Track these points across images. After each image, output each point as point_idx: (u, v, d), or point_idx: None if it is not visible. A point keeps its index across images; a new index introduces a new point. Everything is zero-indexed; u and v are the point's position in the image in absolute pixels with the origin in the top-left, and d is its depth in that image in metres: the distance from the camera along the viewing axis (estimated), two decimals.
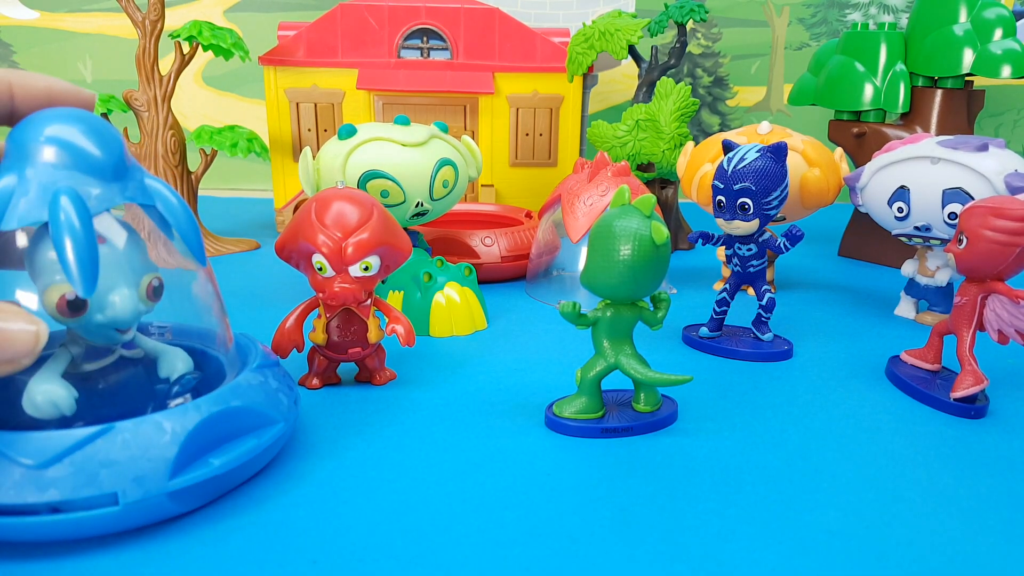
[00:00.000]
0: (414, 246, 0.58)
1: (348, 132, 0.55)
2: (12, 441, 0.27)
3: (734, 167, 0.47)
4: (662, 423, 0.39)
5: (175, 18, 1.16)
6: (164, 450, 0.28)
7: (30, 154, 0.28)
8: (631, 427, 0.38)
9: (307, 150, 0.55)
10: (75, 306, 0.29)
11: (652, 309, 0.39)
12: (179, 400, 0.32)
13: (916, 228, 0.53)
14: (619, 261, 0.35)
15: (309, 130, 0.86)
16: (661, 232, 0.35)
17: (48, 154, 0.28)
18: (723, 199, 0.48)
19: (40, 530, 0.27)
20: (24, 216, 0.27)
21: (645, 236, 0.35)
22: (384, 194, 0.54)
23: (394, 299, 0.54)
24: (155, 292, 0.31)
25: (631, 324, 0.38)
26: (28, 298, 0.29)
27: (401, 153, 0.55)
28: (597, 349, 0.39)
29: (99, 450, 0.27)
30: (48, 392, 0.29)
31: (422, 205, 0.56)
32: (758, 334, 0.51)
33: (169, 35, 0.73)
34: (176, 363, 0.33)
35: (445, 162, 0.56)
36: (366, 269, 0.39)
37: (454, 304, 0.52)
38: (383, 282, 0.55)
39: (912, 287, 0.58)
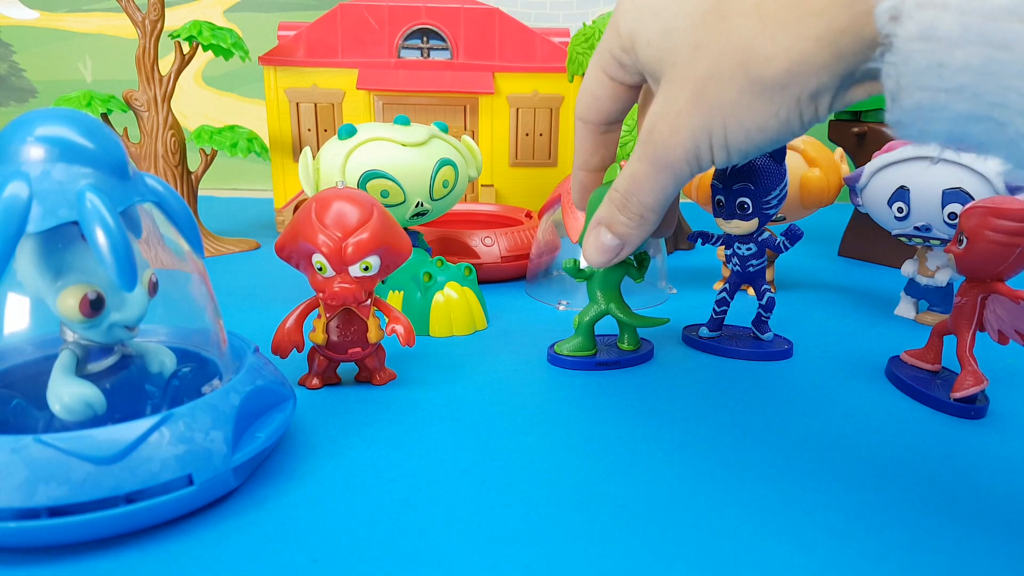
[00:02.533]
0: (414, 246, 0.58)
1: (348, 132, 0.55)
2: (75, 440, 0.27)
3: (733, 167, 0.47)
4: (643, 359, 0.48)
5: (175, 18, 1.16)
6: (223, 429, 0.30)
7: (29, 155, 0.28)
8: (619, 361, 0.47)
9: (307, 150, 0.55)
10: (96, 305, 0.29)
11: (636, 266, 0.46)
12: (209, 387, 0.34)
13: (916, 228, 0.53)
14: None
15: (309, 130, 0.86)
16: None
17: (54, 154, 0.28)
18: (722, 199, 0.48)
19: (116, 522, 0.27)
20: (47, 217, 0.27)
21: None
22: (384, 194, 0.54)
23: (394, 299, 0.54)
24: (154, 287, 0.31)
25: (619, 278, 0.46)
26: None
27: (401, 153, 0.55)
28: (591, 298, 0.47)
29: (166, 437, 0.28)
30: (78, 394, 0.29)
31: (422, 205, 0.56)
32: (758, 334, 0.51)
33: (169, 35, 0.73)
34: (164, 359, 0.34)
35: (445, 162, 0.56)
36: (366, 269, 0.39)
37: (454, 304, 0.52)
38: (383, 282, 0.55)
39: (912, 287, 0.58)
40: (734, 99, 0.27)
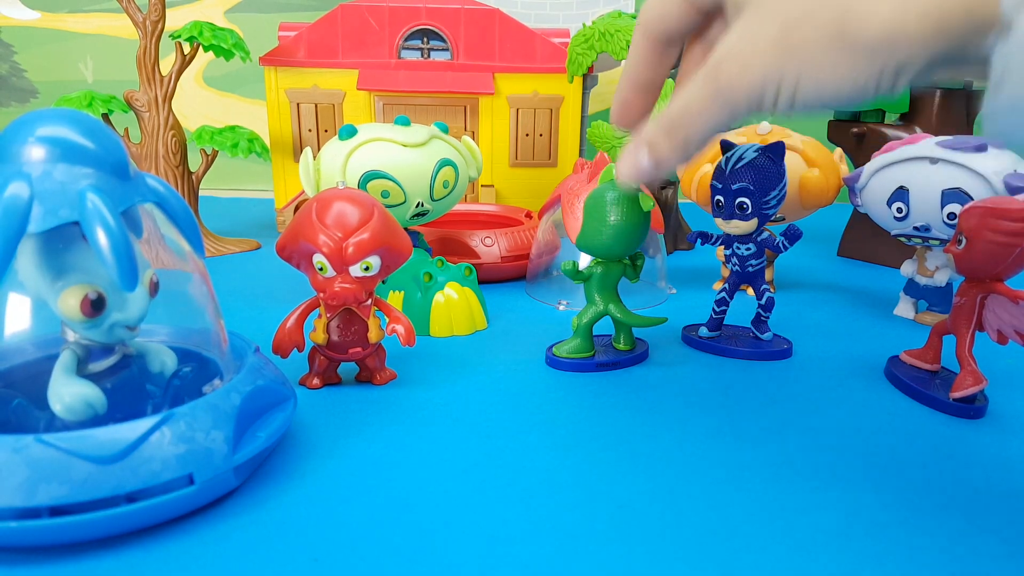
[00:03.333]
0: (414, 246, 0.58)
1: (349, 132, 0.55)
2: (76, 439, 0.27)
3: (732, 167, 0.47)
4: (640, 358, 0.48)
5: (176, 19, 1.16)
6: (223, 429, 0.30)
7: (30, 155, 0.28)
8: (618, 361, 0.47)
9: (308, 151, 0.55)
10: (97, 305, 0.29)
11: (632, 266, 0.47)
12: (210, 386, 0.34)
13: (915, 228, 0.53)
14: (610, 225, 0.43)
15: (310, 130, 0.86)
16: (648, 201, 0.42)
17: (55, 154, 0.28)
18: (721, 199, 0.48)
19: (117, 522, 0.27)
20: (48, 217, 0.27)
21: (631, 205, 0.42)
22: (385, 194, 0.54)
23: (394, 299, 0.54)
24: (155, 287, 0.31)
25: (617, 278, 0.47)
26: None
27: (402, 153, 0.55)
28: (589, 300, 0.47)
29: (167, 436, 0.28)
30: (79, 393, 0.29)
31: (422, 205, 0.56)
32: (758, 333, 0.51)
33: (170, 36, 0.73)
34: (165, 359, 0.34)
35: (445, 162, 0.56)
36: (367, 269, 0.39)
37: (454, 304, 0.53)
38: (383, 282, 0.55)
39: (911, 287, 0.58)
40: (819, 51, 0.27)
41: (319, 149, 0.87)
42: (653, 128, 0.36)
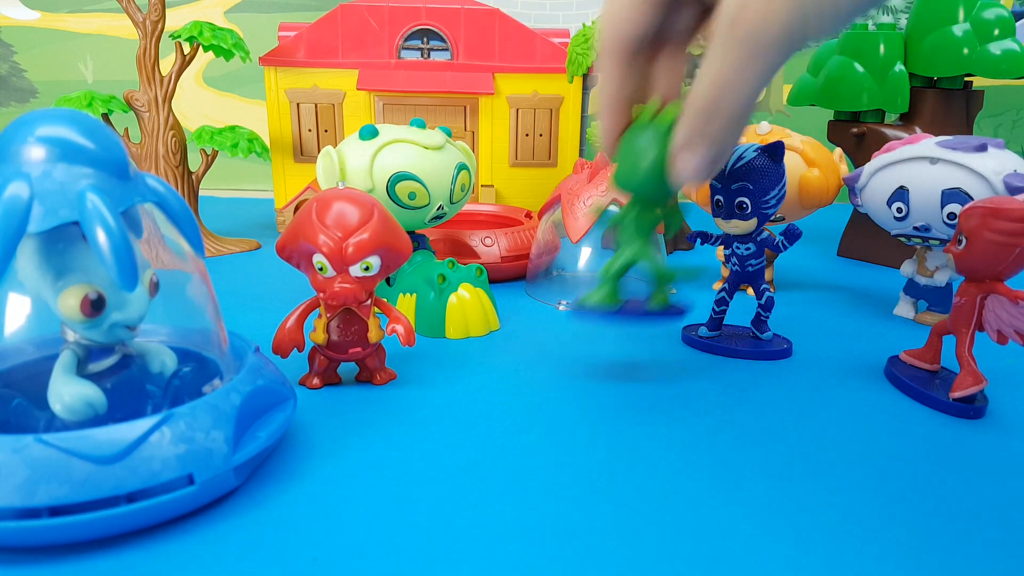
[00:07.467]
0: (421, 248, 0.58)
1: (371, 132, 0.54)
2: (76, 439, 0.27)
3: (732, 166, 0.47)
4: (670, 315, 0.44)
5: (176, 19, 1.16)
6: (223, 429, 0.30)
7: (30, 155, 0.28)
8: (649, 314, 0.43)
9: (330, 149, 0.54)
10: (97, 305, 0.29)
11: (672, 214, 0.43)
12: (210, 386, 0.34)
13: (915, 228, 0.53)
14: (648, 160, 0.38)
15: (310, 130, 0.86)
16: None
17: (55, 154, 0.28)
18: (721, 199, 0.48)
19: (117, 522, 0.27)
20: (48, 217, 0.27)
21: (668, 141, 0.38)
22: (411, 196, 0.53)
23: (406, 302, 0.53)
24: (155, 287, 0.31)
25: (651, 226, 0.43)
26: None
27: (426, 156, 0.54)
28: (621, 246, 0.43)
29: (167, 436, 0.28)
30: (79, 393, 0.29)
31: (442, 208, 0.55)
32: (757, 333, 0.51)
33: (170, 36, 0.73)
34: (165, 359, 0.34)
35: (462, 166, 0.56)
36: (367, 269, 0.39)
37: (468, 305, 0.52)
38: (389, 284, 0.55)
39: (911, 287, 0.59)
40: None
41: (319, 150, 0.87)
42: (689, 125, 0.32)
